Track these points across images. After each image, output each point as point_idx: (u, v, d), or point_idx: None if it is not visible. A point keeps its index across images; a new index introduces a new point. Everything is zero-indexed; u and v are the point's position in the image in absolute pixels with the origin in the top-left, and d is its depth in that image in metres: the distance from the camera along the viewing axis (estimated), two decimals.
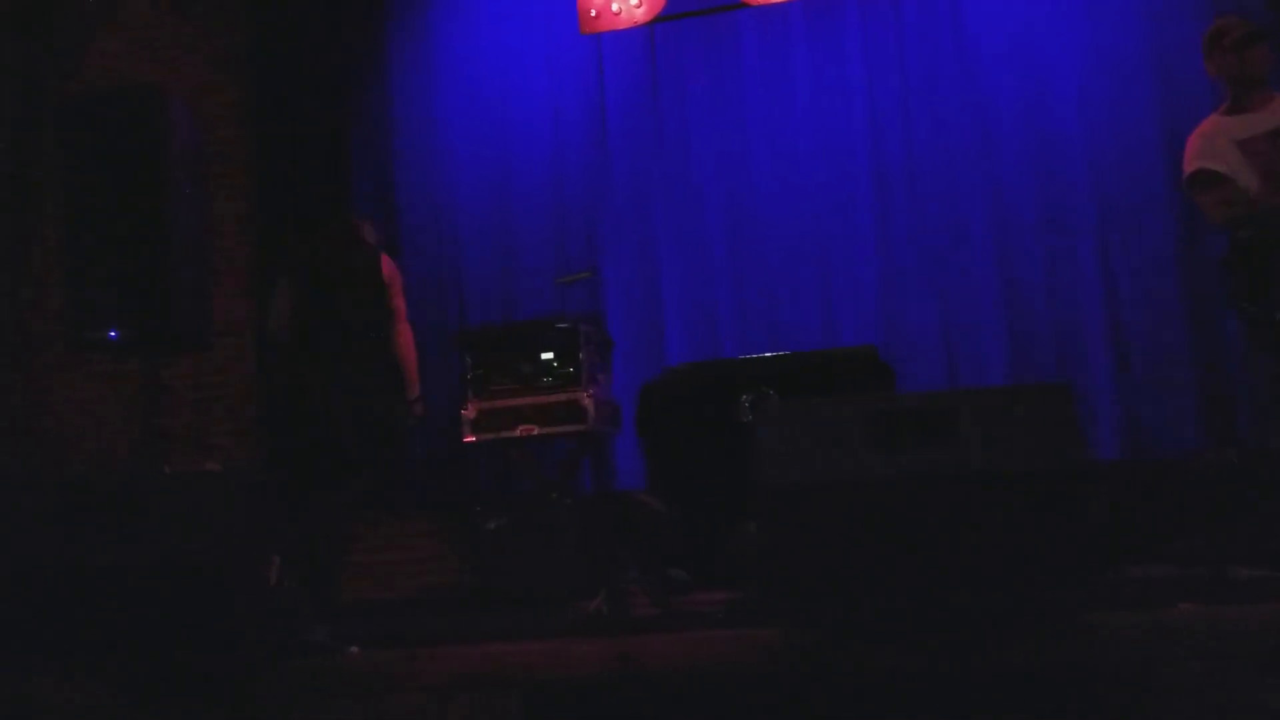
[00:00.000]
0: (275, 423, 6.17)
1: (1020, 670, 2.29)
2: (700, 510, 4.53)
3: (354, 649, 2.81)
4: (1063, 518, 2.25)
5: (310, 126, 6.52)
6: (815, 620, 2.39)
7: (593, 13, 6.23)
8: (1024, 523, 2.26)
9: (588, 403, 4.58)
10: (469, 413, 4.70)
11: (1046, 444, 2.29)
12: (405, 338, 4.49)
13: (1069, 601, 2.29)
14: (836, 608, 2.35)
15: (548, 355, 4.68)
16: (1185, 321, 5.41)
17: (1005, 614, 2.29)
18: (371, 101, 6.59)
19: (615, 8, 6.20)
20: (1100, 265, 5.63)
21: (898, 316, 5.84)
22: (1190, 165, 3.83)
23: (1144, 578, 3.27)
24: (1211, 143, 3.80)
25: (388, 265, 4.50)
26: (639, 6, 6.17)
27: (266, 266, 6.43)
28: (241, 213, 6.56)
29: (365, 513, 5.59)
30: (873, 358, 4.73)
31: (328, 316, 4.31)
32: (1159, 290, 5.49)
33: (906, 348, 5.72)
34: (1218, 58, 3.84)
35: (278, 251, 6.17)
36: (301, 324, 4.33)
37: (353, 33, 6.62)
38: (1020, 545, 2.26)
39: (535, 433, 4.63)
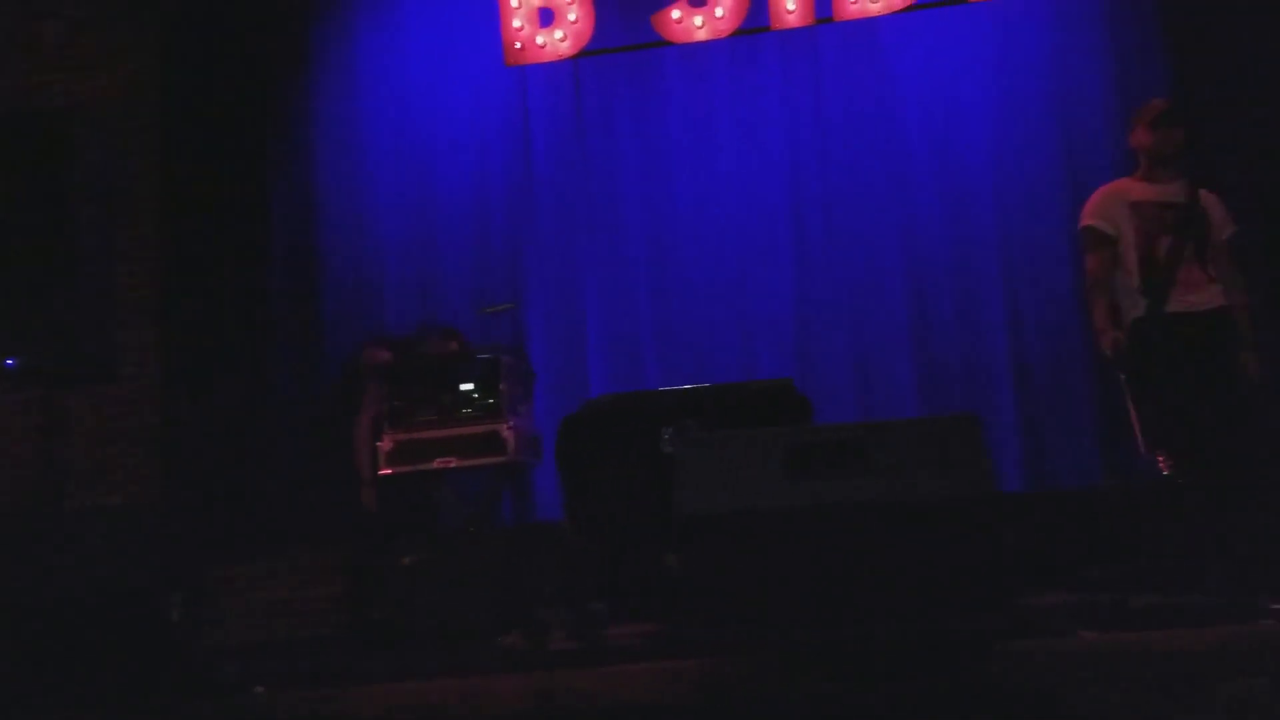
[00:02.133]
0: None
1: (931, 694, 2.32)
2: (620, 542, 4.51)
3: (259, 689, 2.74)
4: (971, 547, 2.30)
5: (225, 146, 6.41)
6: (734, 650, 2.40)
7: (517, 45, 6.25)
8: (934, 551, 2.30)
9: (508, 434, 4.55)
10: (385, 445, 4.62)
11: (956, 475, 2.35)
12: (356, 428, 5.09)
13: (977, 628, 2.33)
14: (755, 637, 2.36)
15: (468, 386, 4.64)
16: (1087, 358, 5.60)
17: (917, 640, 2.32)
18: (293, 122, 6.51)
19: (540, 41, 6.23)
20: (1007, 303, 5.84)
21: (814, 349, 5.97)
22: (1084, 219, 4.11)
23: (1048, 605, 3.35)
24: (1109, 201, 4.07)
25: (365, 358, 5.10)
26: (563, 40, 6.21)
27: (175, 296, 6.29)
28: (151, 239, 6.40)
29: (279, 547, 5.49)
30: (789, 390, 4.79)
31: None
32: (1061, 327, 5.70)
33: (822, 379, 5.83)
34: (1140, 131, 4.07)
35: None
36: None
37: (274, 53, 6.54)
38: (931, 573, 2.30)
39: (454, 465, 4.57)
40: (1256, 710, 2.24)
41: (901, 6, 5.94)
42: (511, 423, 4.58)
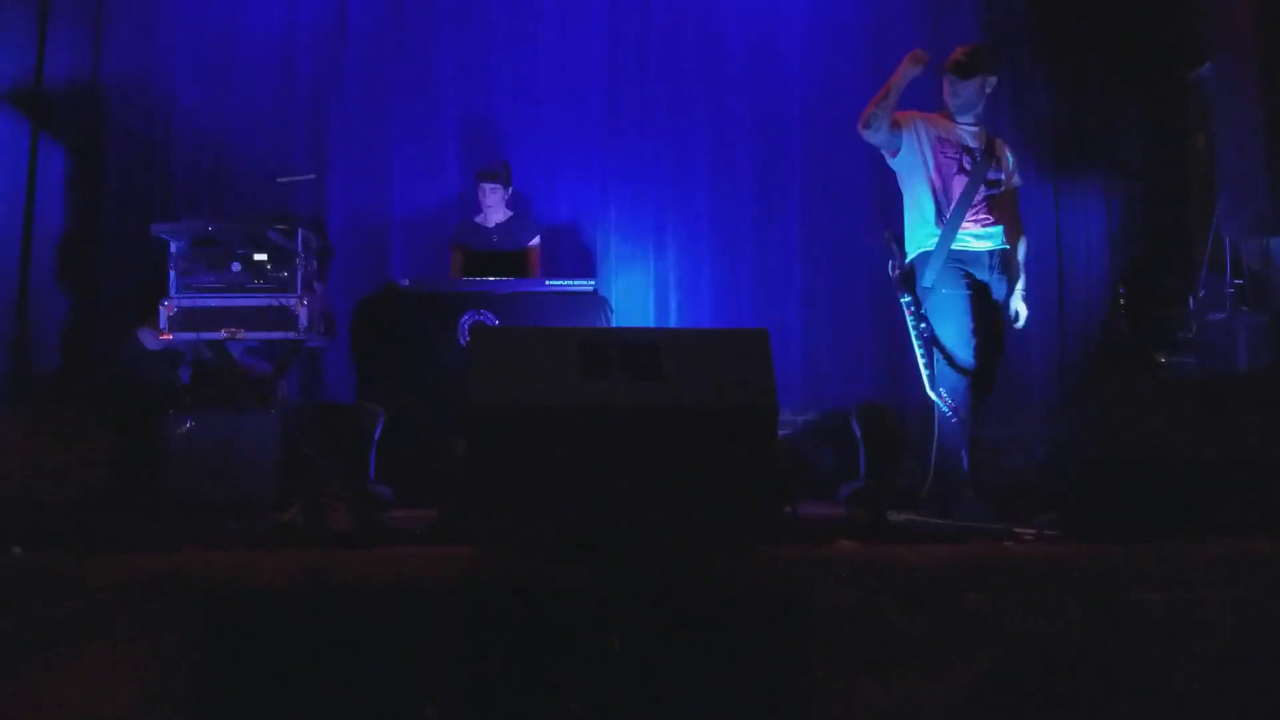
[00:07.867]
0: None
1: (699, 592, 2.47)
2: (411, 428, 4.51)
3: (17, 549, 2.62)
4: (748, 456, 2.43)
5: None
6: (512, 539, 2.46)
7: None
8: (714, 458, 2.42)
9: (300, 310, 4.41)
10: (168, 308, 4.39)
11: (741, 385, 2.46)
12: None
13: (745, 532, 2.48)
14: (534, 527, 2.43)
15: (261, 256, 4.44)
16: (867, 290, 5.93)
17: (690, 540, 2.45)
18: None
19: None
20: (802, 224, 6.09)
21: (616, 253, 6.05)
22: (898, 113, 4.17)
23: (811, 515, 3.58)
24: (921, 121, 4.19)
25: None
26: None
27: None
28: None
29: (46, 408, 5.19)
30: (590, 292, 4.89)
31: None
32: (850, 255, 5.98)
33: (625, 287, 5.96)
34: (944, 79, 4.22)
35: None
36: None
37: None
38: (709, 479, 2.42)
39: (241, 336, 4.40)
40: None
41: None
42: (305, 299, 4.44)
